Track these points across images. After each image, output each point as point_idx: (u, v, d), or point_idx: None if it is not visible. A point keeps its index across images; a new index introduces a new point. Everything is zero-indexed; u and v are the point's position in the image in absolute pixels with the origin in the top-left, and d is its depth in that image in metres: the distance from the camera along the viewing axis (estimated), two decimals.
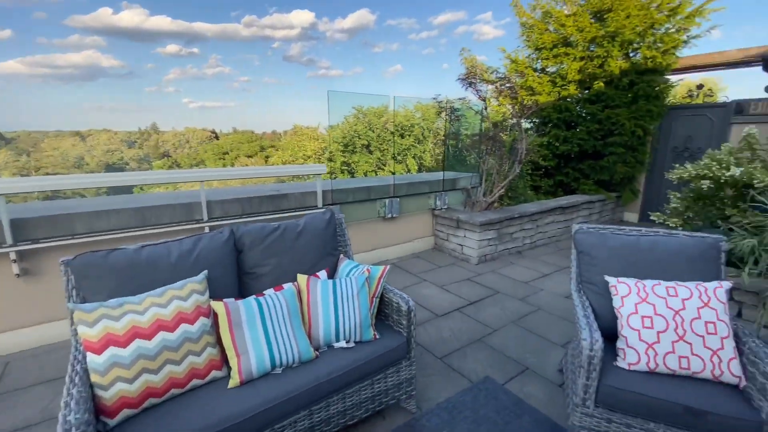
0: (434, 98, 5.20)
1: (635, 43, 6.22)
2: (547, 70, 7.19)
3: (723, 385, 1.75)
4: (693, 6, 5.93)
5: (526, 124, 6.70)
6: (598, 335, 1.83)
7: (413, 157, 20.43)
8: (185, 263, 1.90)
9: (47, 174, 39.31)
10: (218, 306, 1.79)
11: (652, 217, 4.02)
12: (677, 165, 3.92)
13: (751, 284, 2.74)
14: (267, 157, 31.38)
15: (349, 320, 2.04)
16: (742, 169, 3.15)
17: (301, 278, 2.13)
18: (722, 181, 3.40)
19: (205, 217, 3.45)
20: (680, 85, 6.80)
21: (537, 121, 7.14)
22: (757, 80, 6.55)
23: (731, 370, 1.74)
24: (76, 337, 1.63)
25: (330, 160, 19.24)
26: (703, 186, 3.52)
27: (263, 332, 1.81)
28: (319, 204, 4.17)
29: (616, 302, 2.02)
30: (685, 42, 5.99)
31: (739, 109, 6.10)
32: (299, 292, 2.08)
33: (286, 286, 2.15)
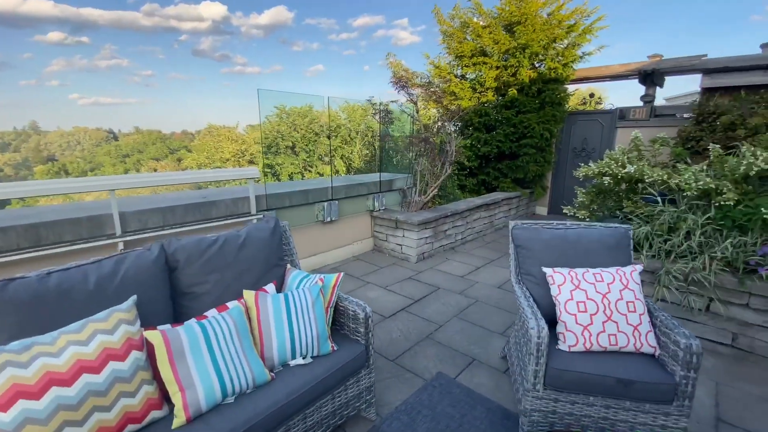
0: (368, 100, 5.22)
1: (540, 55, 6.94)
2: (467, 76, 7.68)
3: (643, 356, 2.02)
4: (584, 25, 6.81)
5: (450, 127, 7.08)
6: (543, 323, 1.99)
7: (341, 158, 20.36)
8: (107, 289, 1.62)
9: None
10: (154, 336, 1.56)
11: (564, 210, 4.51)
12: (581, 164, 4.46)
13: (648, 265, 3.22)
14: (179, 159, 28.60)
15: (305, 335, 1.93)
16: (635, 167, 3.68)
17: (248, 294, 1.96)
18: (619, 177, 3.94)
19: (119, 231, 3.00)
20: (575, 94, 7.75)
21: (459, 124, 7.58)
22: (637, 90, 7.73)
23: (648, 342, 2.01)
24: None
25: (251, 162, 18.21)
26: (604, 182, 4.04)
27: (210, 359, 1.62)
28: (253, 210, 3.90)
29: (554, 291, 2.22)
30: (581, 57, 6.85)
31: (622, 115, 7.17)
32: (247, 310, 1.91)
33: (231, 304, 1.96)
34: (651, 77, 6.81)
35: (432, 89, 5.56)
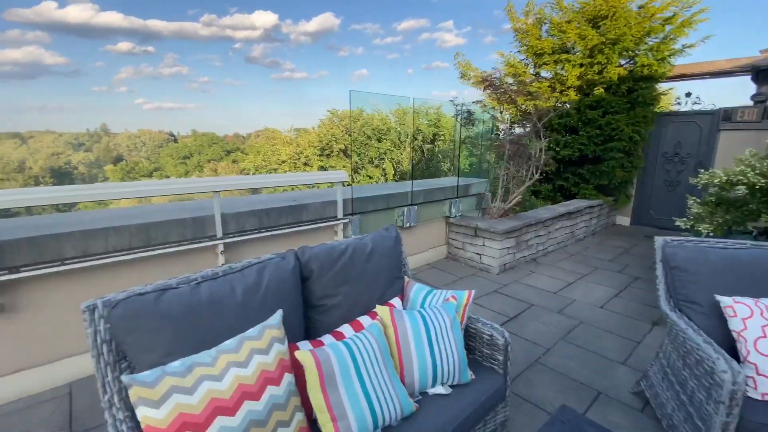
0: (452, 100, 4.98)
1: (632, 51, 6.33)
2: (542, 75, 7.21)
3: None
4: (684, 17, 6.13)
5: (518, 129, 6.65)
6: (736, 365, 1.62)
7: (390, 161, 20.21)
8: (253, 301, 1.48)
9: None
10: (304, 357, 1.39)
11: (677, 223, 3.98)
12: (669, 170, 3.91)
13: None
14: (234, 161, 29.93)
15: (447, 360, 1.70)
16: None
17: (383, 310, 1.76)
18: (757, 187, 3.39)
19: (220, 233, 2.97)
20: (668, 93, 7.03)
21: (529, 126, 7.11)
22: (745, 89, 6.85)
23: None
24: (126, 423, 1.18)
25: (306, 164, 18.58)
26: (738, 191, 3.50)
27: (360, 385, 1.44)
28: (339, 214, 3.78)
29: (736, 325, 1.83)
30: (681, 51, 6.16)
31: (727, 116, 6.37)
32: (384, 328, 1.72)
33: (364, 320, 1.78)
34: (766, 73, 5.98)
35: (504, 88, 5.22)
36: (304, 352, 1.41)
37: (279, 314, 1.47)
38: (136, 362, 1.24)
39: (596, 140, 6.46)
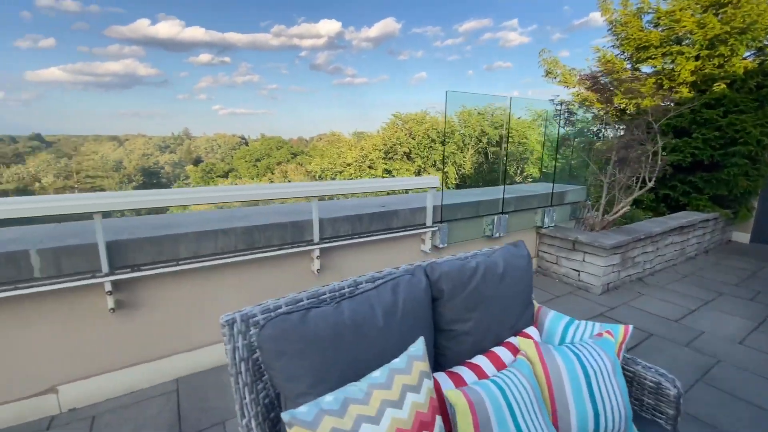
0: (551, 99, 4.56)
1: (762, 41, 5.39)
2: (641, 71, 6.43)
3: None
4: None
5: (611, 132, 5.95)
6: None
7: (452, 165, 19.70)
8: (392, 324, 1.31)
9: (88, 177, 40.57)
10: (456, 398, 1.19)
11: None
12: None
13: None
14: (300, 164, 31.22)
15: (611, 411, 1.40)
16: None
17: (525, 343, 1.51)
18: None
19: (317, 238, 2.90)
20: None
21: (622, 127, 6.36)
22: None
23: None
24: None
25: (370, 167, 18.75)
26: None
27: None
28: (429, 222, 3.57)
29: None
30: None
31: None
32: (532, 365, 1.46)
33: (501, 353, 1.54)
34: None
35: (605, 86, 4.65)
36: (455, 391, 1.21)
37: (421, 343, 1.28)
38: (282, 390, 1.12)
39: (714, 144, 5.59)
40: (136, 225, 2.58)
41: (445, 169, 19.07)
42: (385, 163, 18.76)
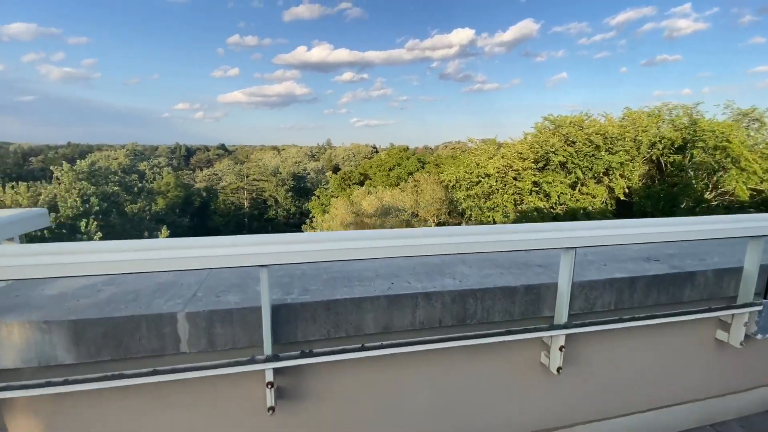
0: None
1: None
2: None
3: None
4: None
5: None
6: None
7: (619, 177, 15.91)
8: None
9: (254, 180, 48.03)
10: None
11: None
12: None
13: None
14: (428, 173, 30.71)
15: None
16: None
17: None
18: None
19: (564, 318, 1.72)
20: None
21: None
22: None
23: None
24: None
25: (515, 179, 16.67)
26: None
27: None
28: (748, 296, 2.03)
29: None
30: None
31: None
32: None
33: None
34: None
35: None
36: None
37: None
38: None
39: None
40: (305, 271, 1.83)
41: (611, 183, 15.36)
42: (535, 175, 16.47)
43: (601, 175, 16.49)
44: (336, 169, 60.73)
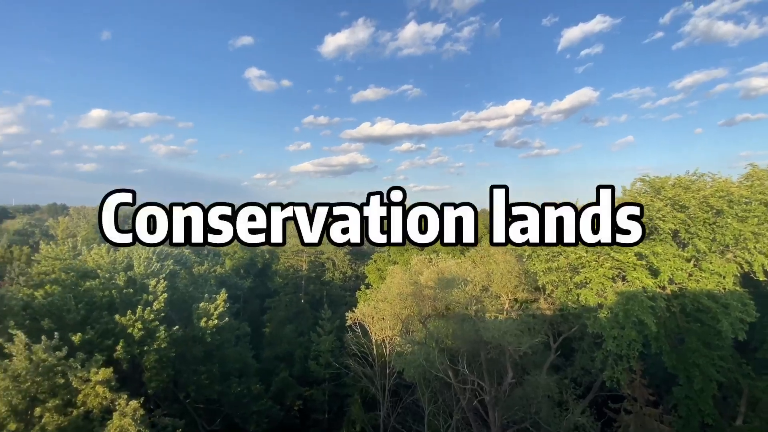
0: None
1: None
2: None
3: None
4: None
5: None
6: None
7: (757, 251, 12.28)
8: None
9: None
10: None
11: None
12: None
13: None
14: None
15: None
16: None
17: None
18: None
19: None
20: None
21: None
22: None
23: None
24: None
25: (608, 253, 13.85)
26: None
27: None
28: None
29: None
30: None
31: None
32: None
33: None
34: None
35: None
36: None
37: None
38: None
39: None
40: None
41: (745, 256, 11.79)
42: (639, 246, 13.52)
43: (726, 247, 13.04)
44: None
